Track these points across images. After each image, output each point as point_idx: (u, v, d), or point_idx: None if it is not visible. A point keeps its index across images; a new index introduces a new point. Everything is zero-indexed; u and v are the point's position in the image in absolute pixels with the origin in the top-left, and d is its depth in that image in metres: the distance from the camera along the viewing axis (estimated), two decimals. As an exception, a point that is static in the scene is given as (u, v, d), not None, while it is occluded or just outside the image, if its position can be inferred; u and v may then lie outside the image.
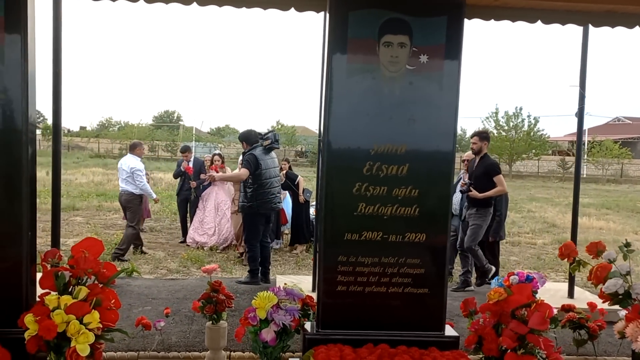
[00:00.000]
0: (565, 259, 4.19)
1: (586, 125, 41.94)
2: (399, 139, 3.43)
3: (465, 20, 3.63)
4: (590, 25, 4.85)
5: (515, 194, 24.06)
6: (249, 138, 7.01)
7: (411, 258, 3.47)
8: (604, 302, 4.04)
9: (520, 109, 38.73)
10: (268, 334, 3.19)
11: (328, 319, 3.45)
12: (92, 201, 14.78)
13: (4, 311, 3.24)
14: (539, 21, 4.21)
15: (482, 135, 6.70)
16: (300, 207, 9.51)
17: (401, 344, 3.28)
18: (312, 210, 10.17)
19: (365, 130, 3.43)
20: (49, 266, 3.29)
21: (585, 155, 38.13)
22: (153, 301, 5.57)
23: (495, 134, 38.45)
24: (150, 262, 8.23)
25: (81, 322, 3.02)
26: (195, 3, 4.30)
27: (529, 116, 38.60)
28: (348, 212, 3.43)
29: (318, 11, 4.30)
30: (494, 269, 6.45)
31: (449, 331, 3.54)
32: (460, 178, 7.01)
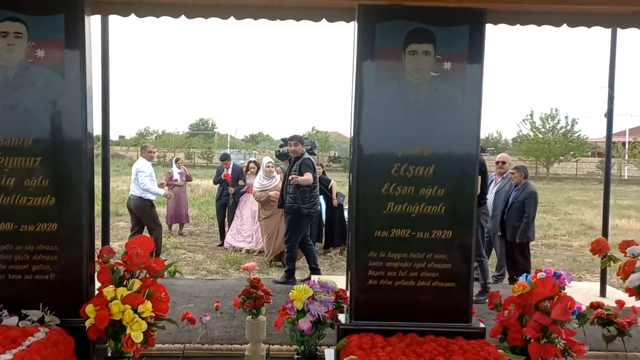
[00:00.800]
0: (597, 255, 4.33)
1: (627, 126, 40.90)
2: (425, 142, 3.65)
3: (492, 26, 3.83)
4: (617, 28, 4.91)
5: (552, 196, 23.72)
6: (303, 141, 7.15)
7: (438, 254, 3.68)
8: (629, 296, 4.16)
9: (557, 110, 38.04)
10: (304, 324, 3.45)
11: (360, 310, 3.68)
12: (133, 207, 15.33)
13: (68, 303, 3.58)
14: (565, 25, 4.32)
15: None
16: (333, 211, 9.68)
17: (429, 334, 3.48)
18: (346, 214, 10.40)
19: (393, 134, 3.66)
20: (105, 262, 3.63)
21: (627, 156, 37.17)
22: (195, 299, 5.90)
23: (532, 136, 37.89)
24: (191, 264, 8.61)
25: (135, 312, 3.34)
26: (232, 17, 4.56)
27: (566, 117, 37.85)
28: (378, 211, 3.66)
29: (348, 21, 4.54)
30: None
31: (476, 323, 3.72)
32: (492, 180, 7.13)
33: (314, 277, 5.28)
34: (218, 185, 10.71)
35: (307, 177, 6.89)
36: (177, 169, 11.80)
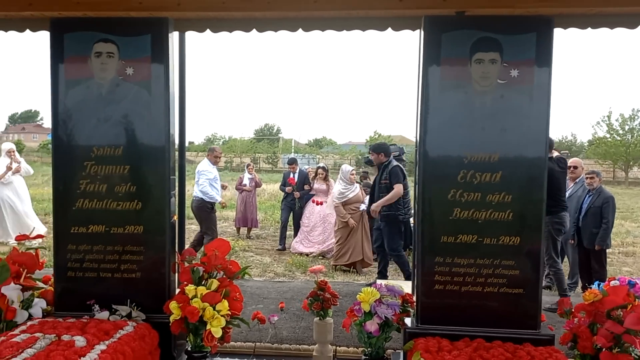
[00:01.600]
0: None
1: None
2: (492, 148, 3.69)
3: (561, 30, 3.81)
4: None
5: (631, 202, 22.53)
6: (387, 150, 7.20)
7: (506, 260, 3.69)
8: None
9: (638, 111, 36.04)
10: (372, 326, 3.57)
11: (426, 315, 3.75)
12: (203, 211, 15.92)
13: (152, 300, 3.88)
14: (640, 26, 4.23)
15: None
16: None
17: (496, 340, 3.51)
18: (410, 219, 10.37)
19: (459, 141, 3.72)
20: (186, 263, 3.90)
21: None
22: (264, 300, 6.14)
23: (609, 139, 36.11)
24: (259, 266, 8.89)
25: (213, 309, 3.57)
26: (300, 29, 4.74)
27: (647, 118, 35.81)
28: (444, 217, 3.73)
29: (413, 29, 4.63)
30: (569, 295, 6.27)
31: (545, 330, 3.70)
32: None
33: (381, 281, 5.36)
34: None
35: (396, 190, 6.91)
36: (248, 174, 12.13)
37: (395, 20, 4.42)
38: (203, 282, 3.76)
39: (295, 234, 10.30)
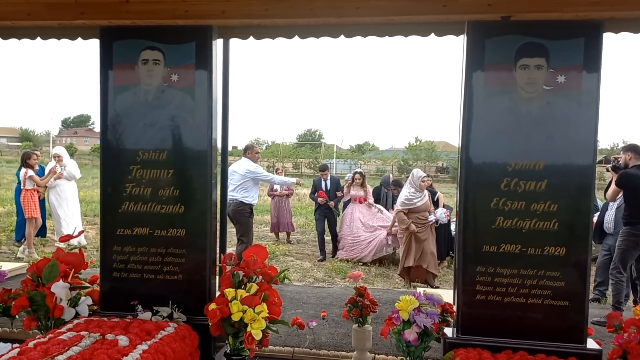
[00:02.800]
0: None
1: None
2: (537, 156, 3.59)
3: (612, 34, 3.69)
4: None
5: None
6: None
7: (551, 271, 3.58)
8: None
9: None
10: (410, 334, 3.52)
11: (467, 325, 3.68)
12: (245, 215, 16.13)
13: (193, 302, 3.95)
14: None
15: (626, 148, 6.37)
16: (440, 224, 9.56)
17: (540, 353, 3.40)
18: (452, 227, 10.19)
19: (503, 148, 3.64)
20: (227, 267, 3.96)
21: None
22: (303, 305, 6.15)
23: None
24: (299, 271, 8.93)
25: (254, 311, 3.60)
26: (342, 35, 4.75)
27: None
28: (486, 225, 3.65)
29: (457, 35, 4.57)
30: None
31: (591, 344, 3.57)
32: None
33: (421, 289, 5.31)
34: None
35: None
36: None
37: (438, 26, 4.37)
38: (242, 286, 3.80)
39: (334, 243, 10.15)
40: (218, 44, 4.24)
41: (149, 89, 4.01)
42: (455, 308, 3.73)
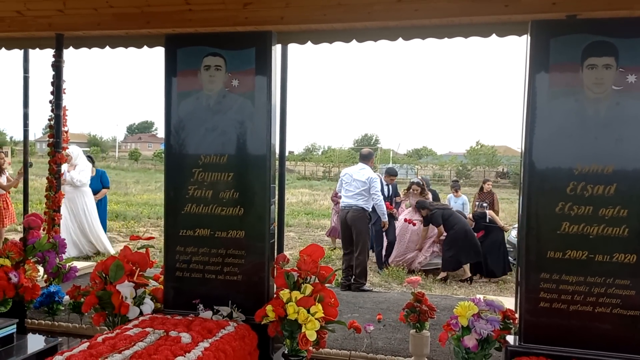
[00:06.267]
0: None
1: None
2: (605, 159, 3.44)
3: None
4: None
5: None
6: None
7: (620, 279, 3.42)
8: None
9: None
10: (470, 341, 3.44)
11: (530, 333, 3.56)
12: (301, 219, 16.31)
13: (252, 302, 4.02)
14: None
15: None
16: (495, 235, 9.13)
17: (608, 364, 3.26)
18: (514, 233, 9.84)
19: (569, 151, 3.51)
20: (281, 268, 4.01)
21: None
22: (360, 309, 6.12)
23: None
24: (355, 276, 8.91)
25: (309, 313, 3.63)
26: (400, 38, 4.72)
27: None
28: (551, 231, 3.52)
29: (520, 35, 4.45)
30: None
31: (666, 358, 3.38)
32: None
33: (480, 296, 5.18)
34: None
35: None
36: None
37: (500, 26, 4.31)
38: (298, 287, 3.84)
39: (389, 250, 9.59)
40: (277, 49, 4.32)
41: (211, 94, 4.13)
42: (517, 315, 3.63)
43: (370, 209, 7.65)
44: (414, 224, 9.49)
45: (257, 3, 4.27)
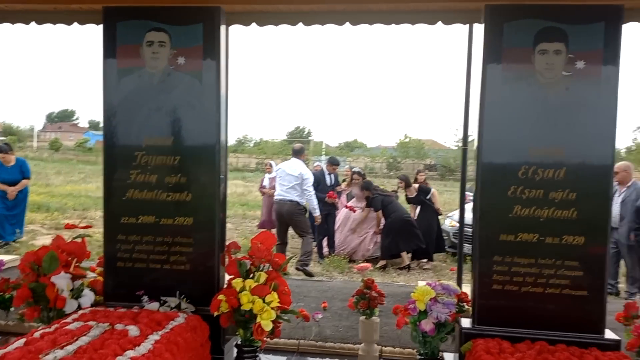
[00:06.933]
0: None
1: None
2: (555, 143, 3.52)
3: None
4: None
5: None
6: None
7: (569, 260, 3.51)
8: None
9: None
10: (427, 325, 3.43)
11: (483, 315, 3.59)
12: (237, 210, 16.02)
13: (201, 292, 3.82)
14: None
15: None
16: (429, 220, 9.32)
17: (559, 343, 3.33)
18: (447, 222, 10.10)
19: (520, 135, 3.56)
20: (232, 255, 3.84)
21: None
22: (305, 299, 6.04)
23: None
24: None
25: (263, 302, 3.49)
26: (348, 23, 4.64)
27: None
28: (503, 214, 3.57)
29: (465, 23, 4.49)
30: None
31: (609, 334, 3.51)
32: (616, 190, 6.75)
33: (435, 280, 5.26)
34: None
35: None
36: (268, 174, 11.44)
37: (446, 14, 4.30)
38: (251, 276, 3.69)
39: (331, 240, 9.51)
40: (225, 27, 4.10)
41: (155, 71, 3.87)
42: (471, 298, 3.66)
43: (304, 202, 7.92)
44: (354, 211, 9.54)
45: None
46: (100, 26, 4.02)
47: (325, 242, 9.43)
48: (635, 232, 6.58)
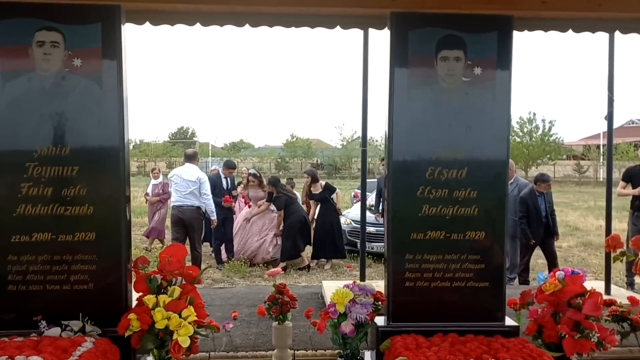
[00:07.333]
0: (612, 251, 4.47)
1: (600, 129, 41.95)
2: (458, 145, 3.75)
3: (515, 32, 3.94)
4: (618, 32, 5.00)
5: (534, 199, 24.13)
6: None
7: (472, 254, 3.76)
8: (650, 292, 4.29)
9: (534, 114, 38.80)
10: (347, 327, 3.49)
11: (398, 312, 3.74)
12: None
13: (107, 312, 3.55)
14: (570, 30, 4.46)
15: None
16: (331, 220, 9.34)
17: (467, 333, 3.55)
18: (342, 220, 10.30)
19: (426, 138, 3.75)
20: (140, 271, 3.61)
21: (601, 159, 38.06)
22: (209, 308, 5.82)
23: (511, 140, 38.57)
24: (194, 273, 8.52)
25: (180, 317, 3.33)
26: (247, 25, 4.58)
27: (543, 121, 38.63)
28: (413, 214, 3.74)
29: (362, 28, 4.63)
30: None
31: (509, 322, 3.80)
32: None
33: (327, 289, 5.34)
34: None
35: None
36: (154, 180, 10.90)
37: (344, 19, 4.41)
38: (162, 291, 3.51)
39: (229, 245, 9.34)
40: (126, 27, 3.85)
41: (47, 74, 3.53)
42: (385, 296, 3.78)
43: (204, 207, 8.00)
44: (249, 206, 9.46)
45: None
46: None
47: (223, 248, 9.24)
48: (519, 220, 7.26)
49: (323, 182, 9.70)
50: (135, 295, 3.59)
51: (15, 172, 3.53)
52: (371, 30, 4.72)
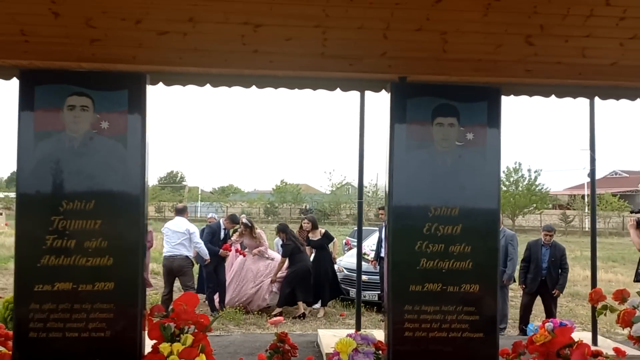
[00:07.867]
0: (595, 304, 4.73)
1: (585, 180, 42.79)
2: (452, 203, 4.07)
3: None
4: (597, 98, 5.40)
5: (521, 248, 24.40)
6: None
7: (467, 306, 4.02)
8: (634, 344, 4.55)
9: (520, 164, 39.57)
10: (350, 375, 3.69)
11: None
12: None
13: (124, 358, 3.73)
14: (553, 95, 4.86)
15: None
16: (326, 267, 9.37)
17: (463, 381, 3.78)
18: (336, 267, 10.37)
19: (423, 196, 4.07)
20: (154, 320, 3.80)
21: (586, 209, 38.70)
22: (208, 355, 5.98)
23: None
24: (189, 321, 8.58)
25: (193, 366, 3.51)
26: (254, 86, 4.93)
27: (529, 170, 39.33)
28: (412, 267, 4.01)
29: (360, 90, 4.98)
30: None
31: (502, 369, 4.03)
32: None
33: (323, 337, 5.49)
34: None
35: None
36: None
37: (343, 82, 4.78)
38: (176, 339, 3.69)
39: (223, 293, 9.23)
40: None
41: (76, 135, 3.83)
42: (385, 345, 4.00)
43: (193, 255, 8.62)
44: (244, 255, 9.55)
45: (106, 40, 4.08)
46: (9, 81, 3.91)
47: (216, 297, 9.30)
48: (522, 263, 7.57)
49: (322, 230, 9.80)
50: (148, 342, 3.77)
51: (42, 225, 3.77)
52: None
